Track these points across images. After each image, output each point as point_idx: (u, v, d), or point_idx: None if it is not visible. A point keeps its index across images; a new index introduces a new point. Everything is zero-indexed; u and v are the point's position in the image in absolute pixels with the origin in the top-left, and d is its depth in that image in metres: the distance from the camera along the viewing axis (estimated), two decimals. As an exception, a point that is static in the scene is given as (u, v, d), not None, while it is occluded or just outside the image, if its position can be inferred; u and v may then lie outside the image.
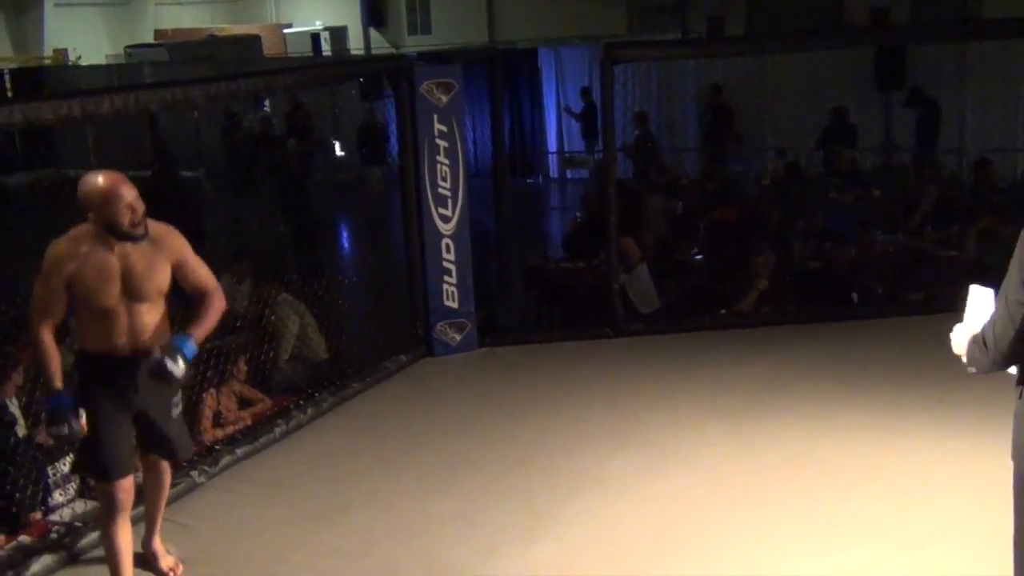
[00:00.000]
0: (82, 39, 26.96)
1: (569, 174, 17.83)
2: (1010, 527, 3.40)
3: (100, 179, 4.23)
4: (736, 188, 11.48)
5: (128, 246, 4.26)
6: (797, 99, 14.64)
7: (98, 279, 4.24)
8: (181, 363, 4.26)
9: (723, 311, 8.51)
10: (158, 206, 4.59)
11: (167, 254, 4.39)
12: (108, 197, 4.20)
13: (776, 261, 8.52)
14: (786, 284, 8.55)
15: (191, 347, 4.32)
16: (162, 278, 4.39)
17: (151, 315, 4.38)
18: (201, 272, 4.56)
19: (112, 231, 4.23)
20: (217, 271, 7.72)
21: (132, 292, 4.30)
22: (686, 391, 7.06)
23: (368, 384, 7.43)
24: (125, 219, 4.21)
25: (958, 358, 3.40)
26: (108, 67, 23.82)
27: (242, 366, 6.82)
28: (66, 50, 25.97)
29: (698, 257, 9.55)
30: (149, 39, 27.28)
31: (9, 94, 19.00)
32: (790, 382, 7.11)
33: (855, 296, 8.51)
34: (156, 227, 4.37)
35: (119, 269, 4.27)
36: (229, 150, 15.65)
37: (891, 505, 5.35)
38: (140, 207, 4.25)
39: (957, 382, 6.42)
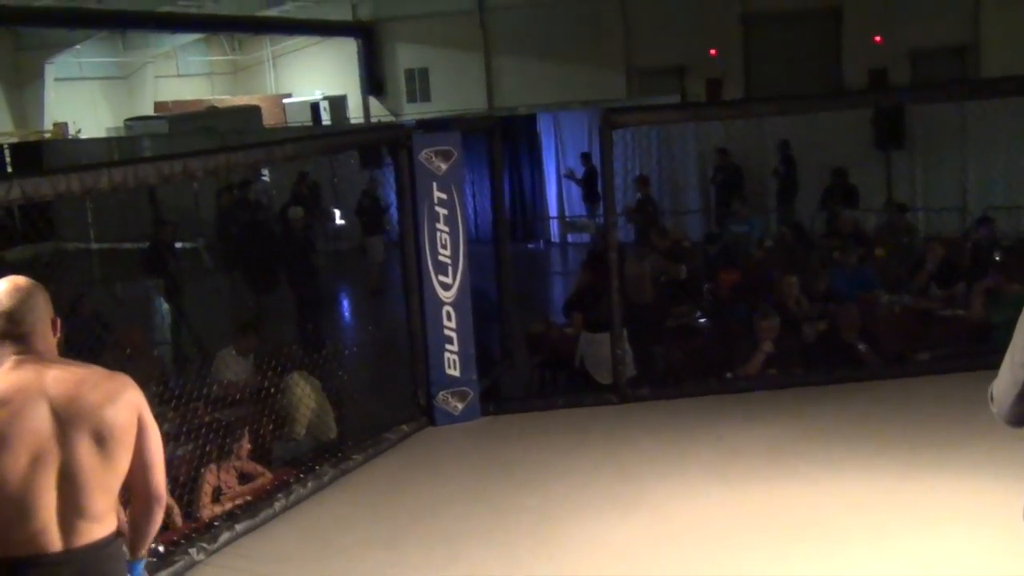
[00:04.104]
0: (82, 112, 27.19)
1: (570, 238, 17.82)
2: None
3: None
4: (738, 250, 11.43)
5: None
6: (798, 160, 14.68)
7: None
8: None
9: (729, 374, 8.42)
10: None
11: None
12: None
13: (781, 323, 8.42)
14: (792, 347, 8.45)
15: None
16: None
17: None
18: None
19: None
20: (221, 341, 7.57)
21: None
22: (693, 456, 6.95)
23: (370, 455, 7.32)
24: None
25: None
26: (108, 140, 23.89)
27: (245, 444, 6.62)
28: (66, 124, 26.14)
29: (702, 320, 9.46)
30: (149, 111, 27.47)
31: (9, 169, 18.97)
32: (798, 445, 7.00)
33: (862, 348, 8.36)
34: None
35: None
36: (219, 220, 15.45)
37: (902, 570, 5.24)
38: None
39: (966, 442, 6.35)
